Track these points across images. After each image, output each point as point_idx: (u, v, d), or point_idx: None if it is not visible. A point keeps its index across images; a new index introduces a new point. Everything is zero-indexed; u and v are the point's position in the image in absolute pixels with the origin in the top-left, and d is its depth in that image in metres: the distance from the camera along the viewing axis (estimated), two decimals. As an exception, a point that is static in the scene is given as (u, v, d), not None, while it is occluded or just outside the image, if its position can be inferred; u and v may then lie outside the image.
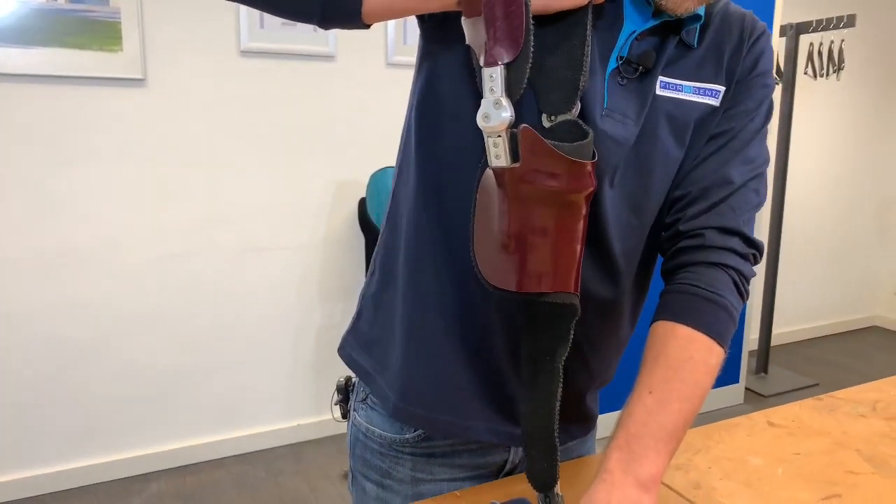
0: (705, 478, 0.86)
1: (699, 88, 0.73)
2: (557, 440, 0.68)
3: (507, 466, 0.86)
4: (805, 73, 3.45)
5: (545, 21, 0.62)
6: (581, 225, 0.65)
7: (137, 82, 2.22)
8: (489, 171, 0.63)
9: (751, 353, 3.42)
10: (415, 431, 0.81)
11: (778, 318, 3.66)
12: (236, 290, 2.48)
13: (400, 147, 0.81)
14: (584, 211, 0.64)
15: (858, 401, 1.11)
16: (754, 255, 0.75)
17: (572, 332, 0.67)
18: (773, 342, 3.60)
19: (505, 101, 0.59)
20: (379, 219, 2.48)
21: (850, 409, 1.08)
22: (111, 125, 2.21)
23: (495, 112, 0.60)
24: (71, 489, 2.31)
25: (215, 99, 2.34)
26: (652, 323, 0.73)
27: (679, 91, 0.72)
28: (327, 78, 2.50)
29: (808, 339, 3.99)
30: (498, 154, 0.61)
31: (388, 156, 2.60)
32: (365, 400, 0.85)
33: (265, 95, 2.41)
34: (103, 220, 2.25)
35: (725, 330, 0.71)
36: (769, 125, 0.80)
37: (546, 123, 0.63)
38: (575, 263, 0.65)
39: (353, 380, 0.89)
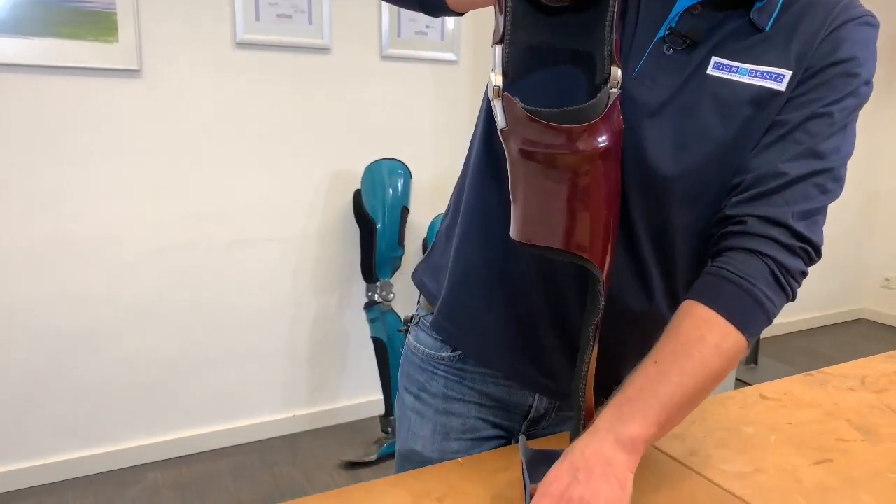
0: (702, 446, 0.89)
1: (757, 71, 0.71)
2: (583, 400, 0.73)
3: (532, 413, 0.91)
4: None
5: (589, 3, 0.66)
6: (568, 187, 0.66)
7: (133, 73, 2.22)
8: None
9: (741, 344, 3.47)
10: (451, 352, 0.90)
11: (767, 310, 3.71)
12: (232, 281, 2.49)
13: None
14: (578, 171, 0.66)
15: (847, 376, 1.14)
16: (804, 249, 0.71)
17: (599, 296, 0.70)
18: (763, 334, 3.64)
19: (493, 74, 0.66)
20: (374, 210, 2.49)
21: (839, 383, 1.11)
22: (107, 116, 2.22)
23: (491, 81, 0.67)
24: (67, 480, 2.31)
25: (211, 90, 2.35)
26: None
27: (733, 73, 0.71)
28: (322, 70, 2.51)
29: (798, 332, 4.04)
30: (498, 118, 0.67)
31: (383, 147, 2.62)
32: (417, 323, 0.96)
33: (260, 87, 2.42)
34: (99, 212, 2.25)
35: (748, 317, 0.69)
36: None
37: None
38: (574, 223, 0.68)
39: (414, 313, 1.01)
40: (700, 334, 0.68)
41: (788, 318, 4.01)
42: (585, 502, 0.62)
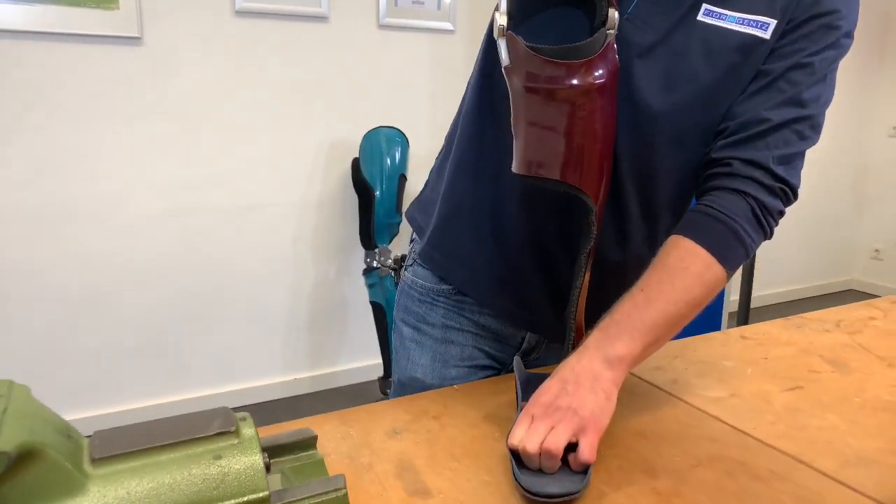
0: (683, 375, 0.95)
1: (744, 19, 0.75)
2: (573, 321, 0.78)
3: (525, 345, 0.97)
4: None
5: None
6: (566, 120, 0.71)
7: (134, 40, 2.25)
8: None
9: (731, 314, 3.52)
10: (449, 284, 0.94)
11: (758, 280, 3.77)
12: (233, 247, 2.54)
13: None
14: (576, 103, 0.71)
15: (824, 320, 1.20)
16: (783, 189, 0.77)
17: (592, 226, 0.76)
18: (754, 304, 3.71)
19: (497, 14, 0.71)
20: (372, 178, 2.53)
21: (816, 326, 1.17)
22: (107, 83, 2.25)
23: (496, 20, 0.71)
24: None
25: (210, 58, 2.38)
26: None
27: (721, 20, 0.75)
28: (320, 38, 2.54)
29: (789, 301, 4.11)
30: (503, 55, 0.72)
31: (381, 115, 2.65)
32: (413, 263, 1.00)
33: (259, 55, 2.45)
34: (99, 177, 2.29)
35: (729, 251, 0.74)
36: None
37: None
38: (570, 155, 0.72)
39: (407, 252, 1.05)
40: (684, 265, 0.74)
41: (780, 287, 4.08)
42: (573, 410, 0.67)
